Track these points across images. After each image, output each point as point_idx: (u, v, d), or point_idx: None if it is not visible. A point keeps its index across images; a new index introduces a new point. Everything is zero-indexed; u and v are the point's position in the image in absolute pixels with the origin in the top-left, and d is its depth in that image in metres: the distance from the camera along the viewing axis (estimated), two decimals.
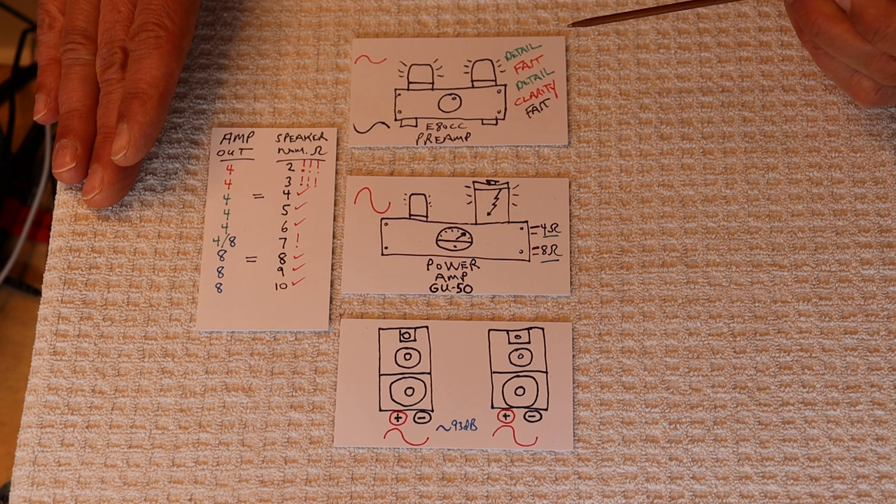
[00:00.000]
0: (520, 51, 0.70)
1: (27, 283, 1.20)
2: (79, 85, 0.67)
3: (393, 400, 0.63)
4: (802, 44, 0.67)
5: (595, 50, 0.70)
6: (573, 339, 0.64)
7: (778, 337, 0.64)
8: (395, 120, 0.69)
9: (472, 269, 0.66)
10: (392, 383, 0.64)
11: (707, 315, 0.64)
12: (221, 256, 0.66)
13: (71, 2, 0.69)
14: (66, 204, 0.68)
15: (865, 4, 0.59)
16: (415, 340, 0.64)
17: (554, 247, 0.66)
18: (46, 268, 0.66)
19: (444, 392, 0.63)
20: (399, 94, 0.70)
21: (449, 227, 0.67)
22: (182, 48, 0.67)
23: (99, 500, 0.62)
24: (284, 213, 0.67)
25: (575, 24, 0.67)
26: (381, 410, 0.63)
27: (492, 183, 0.67)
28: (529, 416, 0.63)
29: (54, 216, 0.68)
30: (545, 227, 0.66)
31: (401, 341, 0.64)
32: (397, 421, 0.63)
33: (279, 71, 0.71)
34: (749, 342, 0.64)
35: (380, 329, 0.65)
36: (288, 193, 0.68)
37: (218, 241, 0.67)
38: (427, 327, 0.65)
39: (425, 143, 0.69)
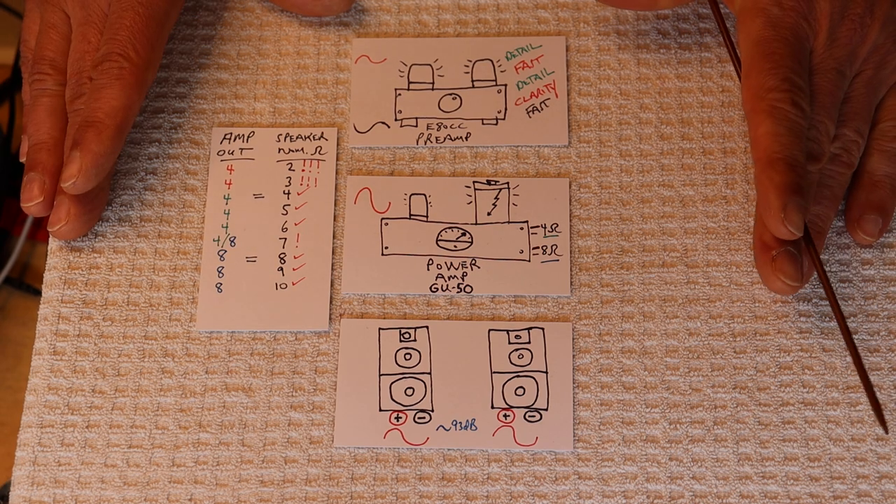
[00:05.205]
0: (520, 51, 0.70)
1: (27, 283, 1.20)
2: (46, 117, 0.65)
3: (393, 400, 0.63)
4: None
5: (595, 50, 0.70)
6: (573, 339, 0.64)
7: (778, 337, 0.64)
8: (396, 120, 0.69)
9: (472, 269, 0.66)
10: (392, 383, 0.64)
11: (707, 315, 0.64)
12: (221, 256, 0.66)
13: (41, 32, 0.67)
14: None
15: None
16: (415, 340, 0.64)
17: (554, 247, 0.66)
18: (46, 268, 0.66)
19: (444, 392, 0.63)
20: (399, 94, 0.70)
21: (449, 227, 0.67)
22: (145, 81, 0.65)
23: (99, 500, 0.62)
24: (284, 213, 0.67)
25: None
26: (381, 410, 0.63)
27: (492, 183, 0.67)
28: (529, 416, 0.63)
29: None
30: (545, 227, 0.66)
31: (401, 341, 0.64)
32: (397, 421, 0.63)
33: (279, 71, 0.71)
34: (749, 342, 0.64)
35: (380, 329, 0.65)
36: (288, 193, 0.68)
37: (218, 240, 0.67)
38: (427, 327, 0.65)
39: (425, 143, 0.69)
